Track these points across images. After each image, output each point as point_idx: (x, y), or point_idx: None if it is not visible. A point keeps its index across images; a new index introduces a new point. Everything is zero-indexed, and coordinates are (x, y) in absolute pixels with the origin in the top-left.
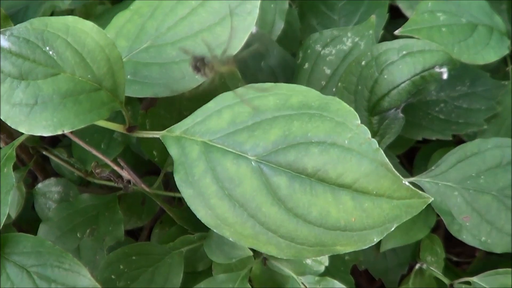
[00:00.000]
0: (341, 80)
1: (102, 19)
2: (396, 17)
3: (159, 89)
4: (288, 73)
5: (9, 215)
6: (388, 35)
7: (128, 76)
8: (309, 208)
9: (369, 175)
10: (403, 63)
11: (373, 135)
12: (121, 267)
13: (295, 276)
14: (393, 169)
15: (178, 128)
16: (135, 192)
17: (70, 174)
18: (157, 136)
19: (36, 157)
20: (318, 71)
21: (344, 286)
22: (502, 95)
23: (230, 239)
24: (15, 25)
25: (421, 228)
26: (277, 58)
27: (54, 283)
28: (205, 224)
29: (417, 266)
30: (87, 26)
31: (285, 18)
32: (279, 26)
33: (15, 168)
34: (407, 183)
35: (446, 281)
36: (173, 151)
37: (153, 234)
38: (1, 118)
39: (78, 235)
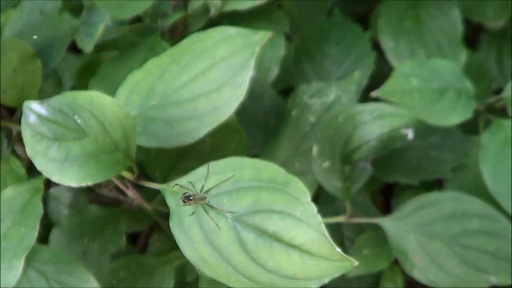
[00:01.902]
0: (321, 131)
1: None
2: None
3: (163, 142)
4: (279, 115)
5: None
6: (372, 83)
7: (138, 128)
8: (268, 260)
9: (313, 241)
10: (373, 123)
11: (345, 181)
12: (121, 274)
13: None
14: (330, 239)
15: (174, 184)
16: (139, 206)
17: None
18: (158, 188)
19: None
20: (303, 118)
21: None
22: (470, 148)
23: (209, 275)
24: (41, 62)
25: (383, 261)
26: (270, 101)
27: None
28: (191, 262)
29: None
30: (108, 100)
31: (281, 63)
32: (274, 71)
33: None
34: (339, 250)
35: None
36: (170, 201)
37: (150, 240)
38: (38, 169)
39: (85, 241)
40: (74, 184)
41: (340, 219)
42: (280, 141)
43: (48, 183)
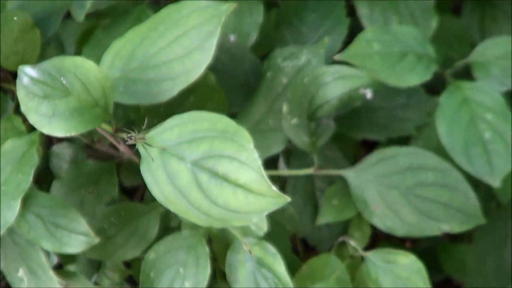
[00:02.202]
0: (291, 91)
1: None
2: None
3: (141, 100)
4: (257, 77)
5: None
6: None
7: (120, 88)
8: (218, 197)
9: (254, 181)
10: (335, 84)
11: (311, 136)
12: (112, 219)
13: (240, 237)
14: (268, 180)
15: (146, 136)
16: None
17: (80, 140)
18: (133, 139)
19: None
20: (277, 79)
21: (274, 250)
22: (433, 108)
23: (171, 210)
24: (40, 31)
25: (351, 210)
26: (250, 64)
27: (60, 228)
28: (157, 200)
29: (340, 239)
30: (90, 64)
31: (260, 28)
32: (253, 37)
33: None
34: (275, 188)
35: (360, 252)
36: (141, 150)
37: (146, 193)
38: (31, 122)
39: (82, 191)
40: (61, 134)
41: (309, 171)
42: (256, 101)
43: (50, 142)
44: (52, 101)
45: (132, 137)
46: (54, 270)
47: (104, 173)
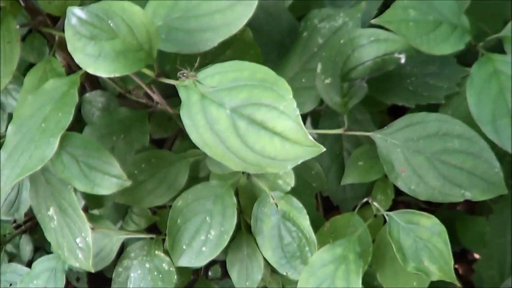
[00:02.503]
0: (326, 51)
1: None
2: None
3: (182, 48)
4: (293, 36)
5: None
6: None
7: (162, 36)
8: (255, 143)
9: (291, 129)
10: (370, 47)
11: (343, 96)
12: (143, 165)
13: (267, 190)
14: (304, 129)
15: (187, 82)
16: (163, 111)
17: (113, 89)
18: (173, 83)
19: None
20: (313, 39)
21: (300, 204)
22: (464, 79)
23: (209, 154)
24: None
25: (376, 173)
26: (287, 24)
27: (94, 169)
28: (195, 143)
29: (364, 200)
30: (136, 9)
31: None
32: None
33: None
34: (311, 138)
35: (383, 212)
36: (182, 95)
37: (174, 144)
38: (77, 62)
39: (114, 138)
40: (105, 75)
41: (339, 131)
42: (291, 59)
43: (83, 89)
44: (99, 42)
45: (184, 74)
46: None
47: (136, 121)
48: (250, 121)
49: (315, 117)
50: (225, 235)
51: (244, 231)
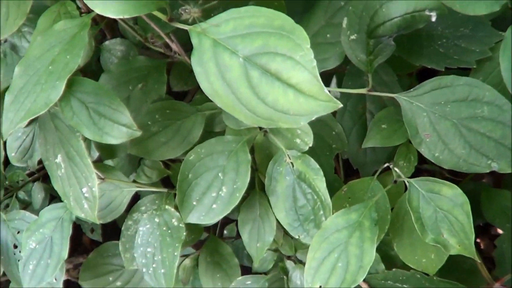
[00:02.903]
0: (353, 5)
1: None
2: None
3: None
4: None
5: None
6: None
7: None
8: (267, 95)
9: (306, 81)
10: (399, 2)
11: (369, 54)
12: (157, 116)
13: (284, 149)
14: (320, 82)
15: (199, 26)
16: (184, 63)
17: (133, 38)
18: (186, 28)
19: (108, 19)
20: None
21: (316, 165)
22: (497, 43)
23: (218, 105)
24: None
25: (400, 137)
26: None
27: (103, 117)
28: (205, 92)
29: (385, 165)
30: None
31: None
32: None
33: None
34: (327, 91)
35: (404, 179)
36: (194, 40)
37: (194, 98)
38: (84, 1)
39: (130, 87)
40: (113, 15)
41: (362, 91)
42: (316, 13)
43: (104, 36)
44: None
45: (186, 10)
46: (93, 163)
47: (154, 70)
48: (264, 71)
49: (340, 77)
50: (237, 193)
51: (258, 190)
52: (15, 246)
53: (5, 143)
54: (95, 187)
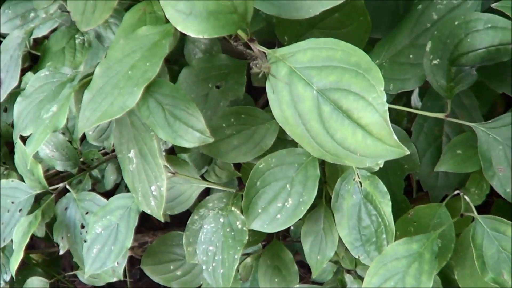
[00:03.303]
0: (438, 30)
1: None
2: None
3: (282, 12)
4: (407, 6)
5: None
6: None
7: None
8: (337, 131)
9: (376, 124)
10: (485, 34)
11: (450, 81)
12: (232, 119)
13: (354, 167)
14: (390, 126)
15: (279, 52)
16: None
17: None
18: (265, 51)
19: None
20: (427, 14)
21: (384, 188)
22: None
23: (288, 133)
24: None
25: (474, 164)
26: None
27: (179, 120)
28: (276, 119)
29: (456, 191)
30: None
31: None
32: None
33: None
34: (395, 137)
35: (473, 213)
36: (272, 65)
37: None
38: (167, 16)
39: (209, 85)
40: (193, 34)
41: (440, 115)
42: (401, 31)
43: None
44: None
45: (257, 65)
46: (165, 155)
47: (234, 70)
48: (336, 107)
49: (422, 92)
50: (303, 207)
51: (324, 203)
52: (82, 226)
53: None
54: (164, 186)
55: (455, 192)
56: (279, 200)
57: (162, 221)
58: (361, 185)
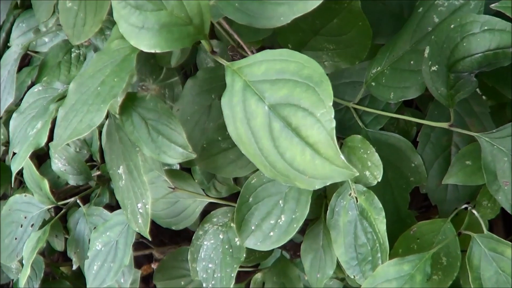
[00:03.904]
0: (435, 34)
1: None
2: None
3: (254, 21)
4: (412, 9)
5: None
6: None
7: (236, 4)
8: (286, 150)
9: (323, 142)
10: (481, 37)
11: (449, 88)
12: (227, 133)
13: (350, 181)
14: (336, 145)
15: (236, 64)
16: None
17: (227, 42)
18: (223, 64)
19: None
20: (428, 17)
21: (379, 205)
22: None
23: (242, 151)
24: None
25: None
26: None
27: (162, 135)
28: (231, 136)
29: (464, 206)
30: None
31: None
32: None
33: None
34: (342, 157)
35: (483, 224)
36: (227, 79)
37: None
38: (120, 31)
39: (212, 96)
40: (146, 49)
41: (443, 125)
42: (403, 36)
43: None
44: (144, 12)
45: (143, 86)
46: (167, 169)
47: None
48: (286, 124)
49: (426, 102)
50: (295, 224)
51: (323, 219)
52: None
53: (100, 132)
54: (149, 204)
55: (464, 206)
56: (272, 217)
57: (149, 238)
58: (356, 201)
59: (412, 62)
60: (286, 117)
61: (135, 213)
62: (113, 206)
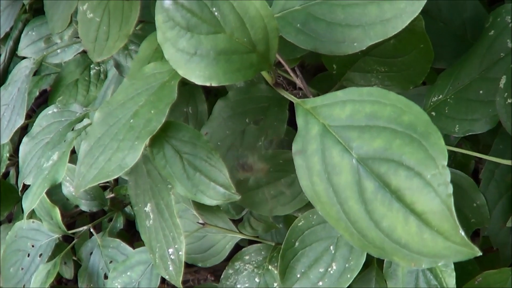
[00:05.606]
0: None
1: None
2: None
3: (320, 46)
4: (477, 30)
5: None
6: None
7: (298, 25)
8: (382, 218)
9: (436, 213)
10: None
11: None
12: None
13: None
14: (455, 217)
15: (310, 103)
16: None
17: None
18: (293, 101)
19: None
20: (500, 41)
21: None
22: None
23: (320, 212)
24: None
25: None
26: (472, 13)
27: (199, 172)
28: (304, 192)
29: None
30: None
31: None
32: None
33: None
34: (462, 233)
35: None
36: (300, 120)
37: None
38: (166, 57)
39: (246, 120)
40: (198, 82)
41: (508, 162)
42: (470, 61)
43: None
44: (197, 35)
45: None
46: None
47: (275, 104)
48: (382, 184)
49: (494, 131)
50: (349, 274)
51: (375, 266)
52: (106, 277)
53: None
54: (182, 251)
55: None
56: (322, 265)
57: None
58: None
59: (481, 91)
60: (383, 176)
61: (165, 259)
62: (126, 230)
